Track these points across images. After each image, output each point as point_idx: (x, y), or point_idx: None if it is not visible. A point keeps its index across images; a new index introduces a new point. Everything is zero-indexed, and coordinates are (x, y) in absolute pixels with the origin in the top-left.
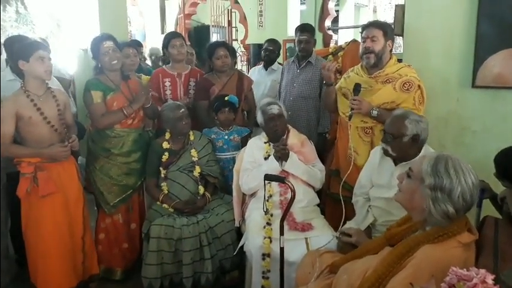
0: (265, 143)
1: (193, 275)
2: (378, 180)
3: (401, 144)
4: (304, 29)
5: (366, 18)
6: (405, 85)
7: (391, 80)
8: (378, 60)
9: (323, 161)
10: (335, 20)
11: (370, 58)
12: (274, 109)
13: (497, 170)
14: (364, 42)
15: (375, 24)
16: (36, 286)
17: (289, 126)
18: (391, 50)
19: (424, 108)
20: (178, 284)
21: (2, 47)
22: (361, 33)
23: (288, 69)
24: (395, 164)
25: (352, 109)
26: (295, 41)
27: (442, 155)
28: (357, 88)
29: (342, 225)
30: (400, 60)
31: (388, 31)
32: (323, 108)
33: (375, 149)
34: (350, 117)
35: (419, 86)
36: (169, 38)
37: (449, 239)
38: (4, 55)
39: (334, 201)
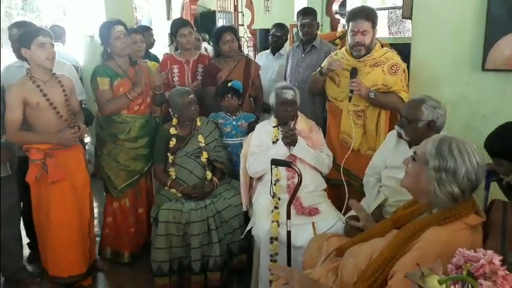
0: (273, 127)
1: (202, 259)
2: (392, 162)
3: (416, 129)
4: (306, 12)
5: (373, 1)
6: (393, 68)
7: (379, 64)
8: (368, 51)
9: None
10: (342, 4)
11: (361, 51)
12: (289, 94)
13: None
14: (353, 35)
15: (363, 16)
16: (48, 271)
17: (298, 112)
18: None
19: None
20: (187, 267)
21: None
22: (347, 22)
23: (292, 54)
24: (410, 147)
25: (351, 91)
26: (298, 25)
27: (446, 137)
28: (353, 71)
29: (345, 208)
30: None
31: (375, 19)
32: None
33: (391, 132)
34: (350, 98)
35: (404, 69)
36: (178, 27)
37: (456, 221)
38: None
39: (332, 187)
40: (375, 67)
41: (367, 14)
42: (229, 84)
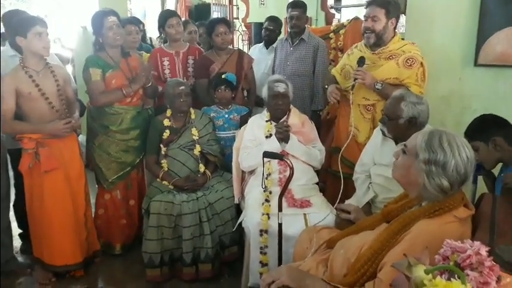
0: (266, 121)
1: (193, 250)
2: (379, 160)
3: (397, 126)
4: (295, 4)
5: None
6: (408, 61)
7: (394, 56)
8: (379, 40)
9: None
10: None
11: (370, 38)
12: (280, 87)
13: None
14: (366, 20)
15: (378, 2)
16: (43, 260)
17: (291, 106)
18: (395, 28)
19: (425, 86)
20: (178, 258)
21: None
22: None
23: (281, 48)
24: (396, 143)
25: (355, 79)
26: (287, 17)
27: (437, 130)
28: (361, 61)
29: (339, 201)
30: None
31: (391, 9)
32: (317, 86)
33: (378, 129)
34: (353, 87)
35: (422, 63)
36: (166, 17)
37: (445, 214)
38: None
39: (336, 179)
40: (389, 60)
41: (381, 1)
42: (223, 76)
